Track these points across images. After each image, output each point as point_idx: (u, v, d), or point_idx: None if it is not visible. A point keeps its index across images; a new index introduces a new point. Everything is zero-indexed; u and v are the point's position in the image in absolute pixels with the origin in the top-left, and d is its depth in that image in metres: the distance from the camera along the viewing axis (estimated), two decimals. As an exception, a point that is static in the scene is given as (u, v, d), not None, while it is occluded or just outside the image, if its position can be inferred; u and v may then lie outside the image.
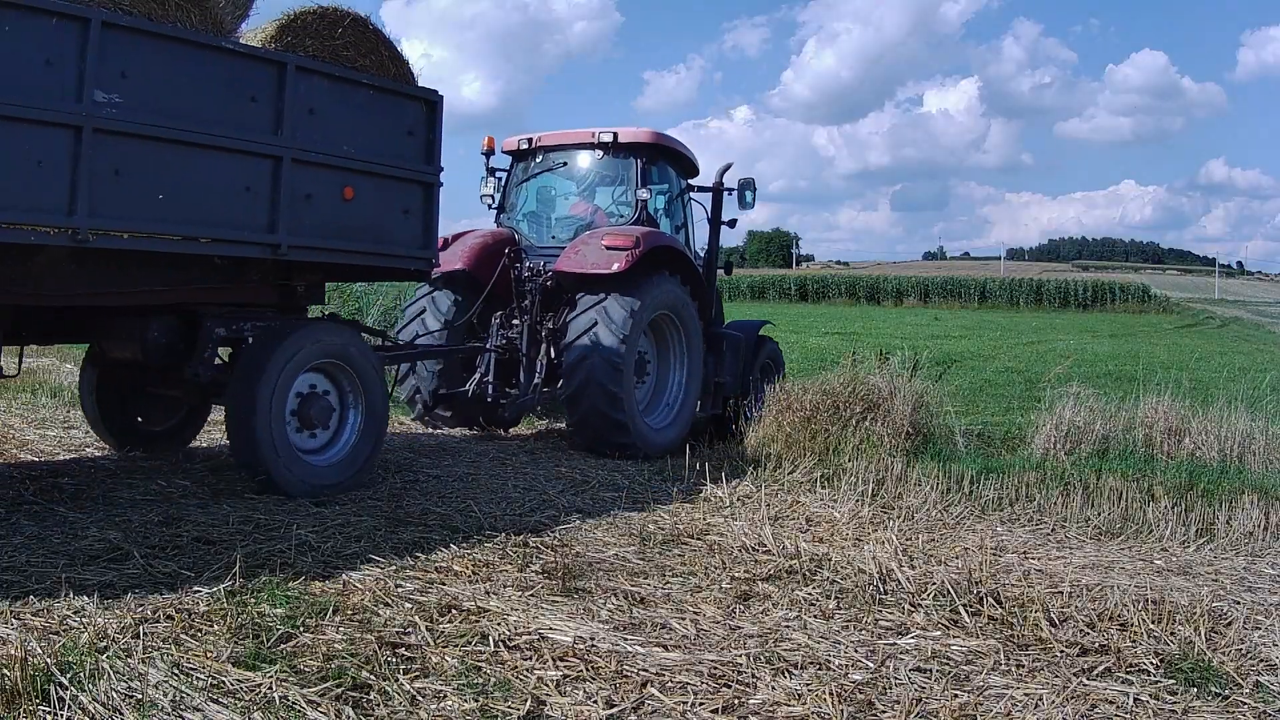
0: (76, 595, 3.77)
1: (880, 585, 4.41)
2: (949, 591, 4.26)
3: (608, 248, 7.59)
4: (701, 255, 9.31)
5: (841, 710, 3.13)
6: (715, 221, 9.27)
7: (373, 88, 6.01)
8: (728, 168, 9.21)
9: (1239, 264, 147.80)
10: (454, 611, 3.86)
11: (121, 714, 2.83)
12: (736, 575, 4.59)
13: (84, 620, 3.45)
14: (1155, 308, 55.66)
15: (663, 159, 8.70)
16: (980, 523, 5.95)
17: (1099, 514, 6.03)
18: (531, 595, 4.14)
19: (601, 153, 8.49)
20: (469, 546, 4.88)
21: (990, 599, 4.22)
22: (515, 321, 8.07)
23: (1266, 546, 5.58)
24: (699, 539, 5.29)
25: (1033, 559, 5.18)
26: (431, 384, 8.31)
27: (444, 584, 4.25)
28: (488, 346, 8.06)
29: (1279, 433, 7.29)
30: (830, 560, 4.81)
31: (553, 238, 8.62)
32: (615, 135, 8.31)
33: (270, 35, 5.78)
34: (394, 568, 4.45)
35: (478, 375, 8.08)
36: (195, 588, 3.95)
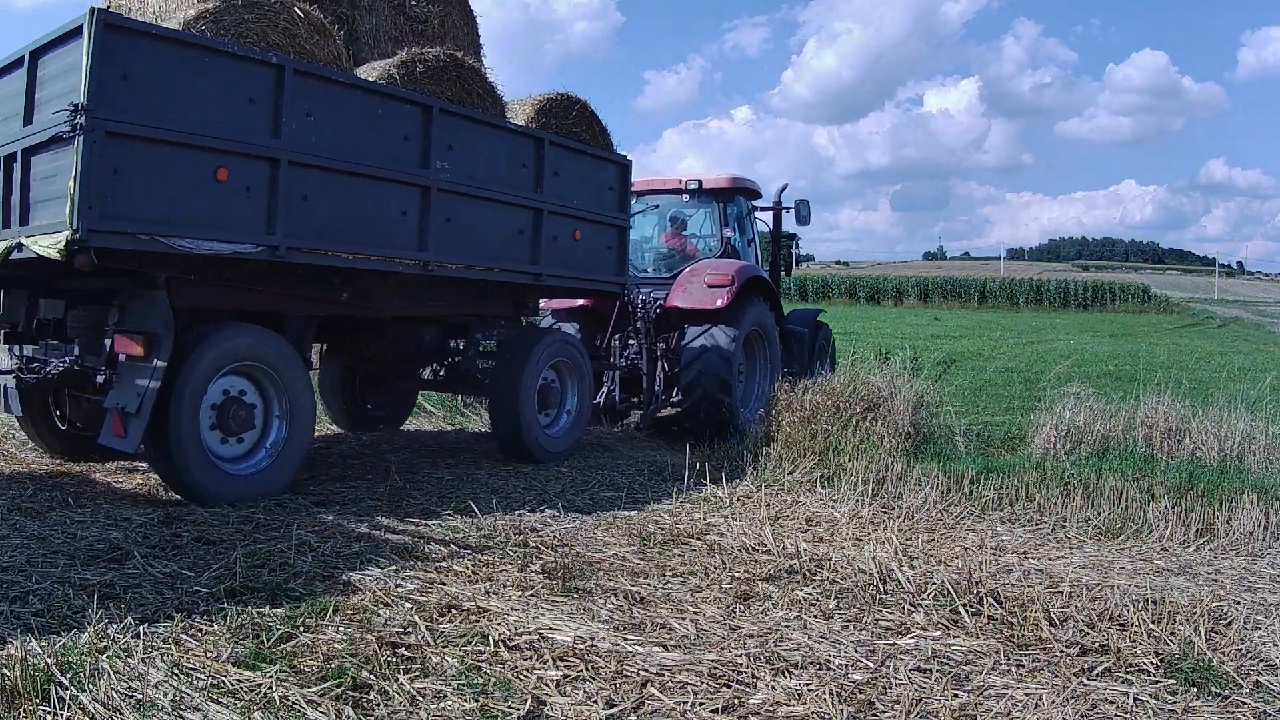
0: (76, 595, 3.77)
1: (880, 585, 4.41)
2: (949, 591, 4.26)
3: (709, 285, 9.04)
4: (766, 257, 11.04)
5: (841, 710, 3.13)
6: (776, 236, 11.09)
7: (591, 155, 7.82)
8: (784, 188, 11.05)
9: (1239, 264, 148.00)
10: (454, 611, 3.86)
11: (121, 714, 2.83)
12: (736, 575, 4.59)
13: (84, 620, 3.45)
14: (1155, 308, 55.74)
15: (737, 194, 10.32)
16: (980, 523, 5.96)
17: (1099, 514, 6.03)
18: (531, 595, 4.14)
19: (688, 196, 10.14)
20: (469, 546, 4.89)
21: (990, 599, 4.22)
22: (631, 342, 9.48)
23: (1266, 546, 5.58)
24: (699, 539, 5.28)
25: (1033, 559, 5.18)
26: None
27: (444, 584, 4.25)
28: (615, 365, 9.51)
29: (1279, 433, 7.28)
30: (830, 560, 4.80)
31: (650, 267, 10.28)
32: (700, 183, 10.01)
33: (530, 116, 7.53)
34: (394, 568, 4.45)
35: (605, 389, 9.45)
36: (195, 588, 3.96)
